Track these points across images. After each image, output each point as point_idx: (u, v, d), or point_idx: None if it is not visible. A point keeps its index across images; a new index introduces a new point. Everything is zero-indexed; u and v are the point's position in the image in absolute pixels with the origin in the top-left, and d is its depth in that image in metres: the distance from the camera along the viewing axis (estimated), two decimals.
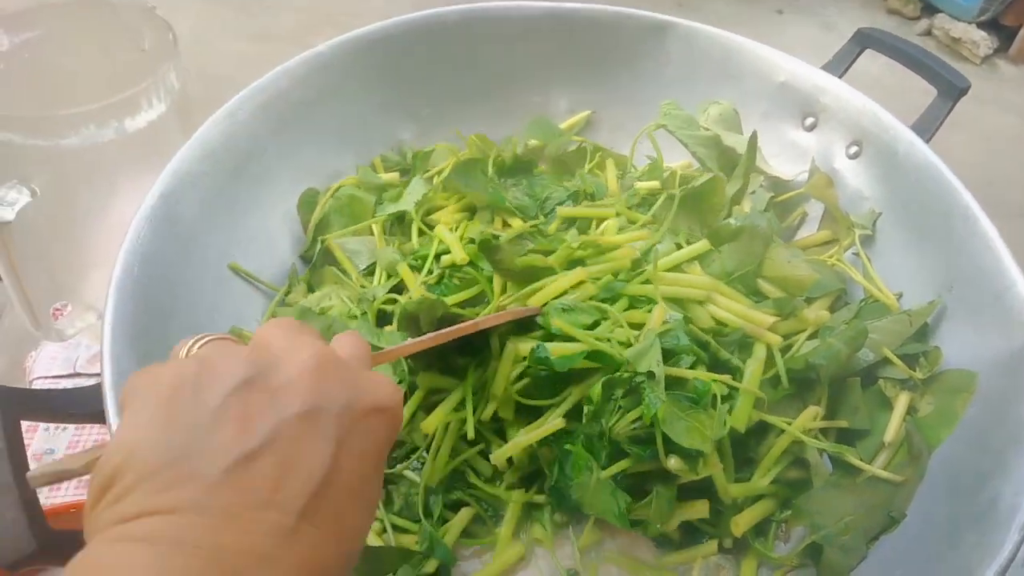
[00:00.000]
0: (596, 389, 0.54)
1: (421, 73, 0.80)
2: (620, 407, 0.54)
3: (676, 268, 0.66)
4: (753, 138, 0.73)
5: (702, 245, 0.66)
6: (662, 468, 0.53)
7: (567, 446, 0.55)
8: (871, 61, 0.81)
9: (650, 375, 0.54)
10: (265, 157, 0.70)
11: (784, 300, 0.64)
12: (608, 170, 0.80)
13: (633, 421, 0.53)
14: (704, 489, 0.57)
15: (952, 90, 0.72)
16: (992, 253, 0.61)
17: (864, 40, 0.78)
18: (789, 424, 0.59)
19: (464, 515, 0.58)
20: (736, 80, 0.80)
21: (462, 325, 0.52)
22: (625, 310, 0.61)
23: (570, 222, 0.73)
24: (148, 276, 0.57)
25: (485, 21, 0.82)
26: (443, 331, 0.50)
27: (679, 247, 0.67)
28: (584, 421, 0.55)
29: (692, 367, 0.57)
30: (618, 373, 0.55)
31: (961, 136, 2.14)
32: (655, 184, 0.76)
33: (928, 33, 2.19)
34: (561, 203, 0.76)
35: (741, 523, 0.57)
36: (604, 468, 0.54)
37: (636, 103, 0.85)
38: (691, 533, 0.59)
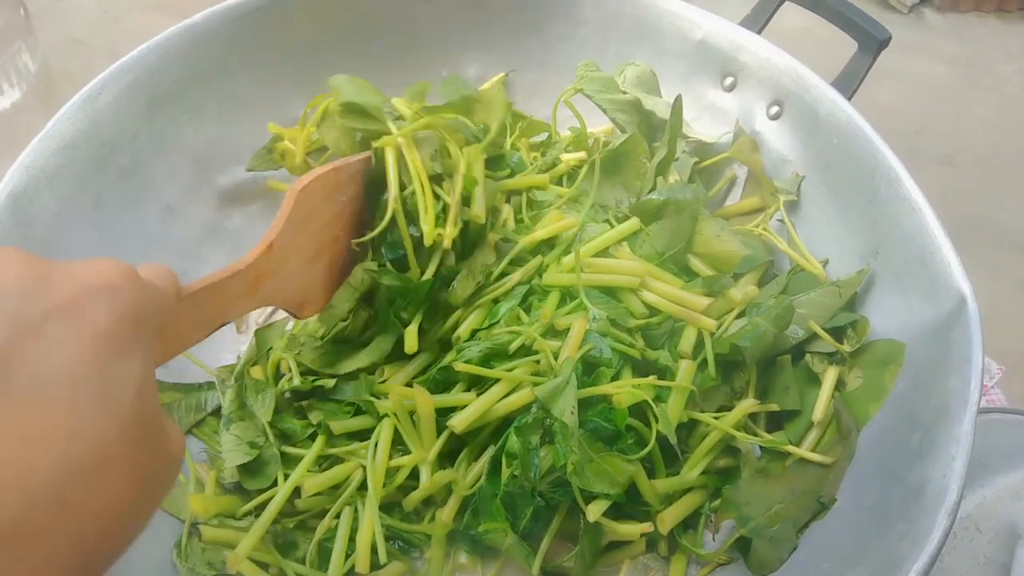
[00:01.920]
0: (512, 443, 0.50)
1: (315, 42, 0.73)
2: (537, 455, 0.51)
3: (604, 252, 0.62)
4: (678, 102, 0.69)
5: (631, 225, 0.62)
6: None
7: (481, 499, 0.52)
8: (801, 13, 0.77)
9: (562, 424, 0.50)
10: (136, 144, 0.63)
11: (714, 278, 0.61)
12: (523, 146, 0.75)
13: (549, 471, 0.50)
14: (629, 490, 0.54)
15: (872, 42, 0.68)
16: (916, 216, 0.58)
17: None
18: (719, 419, 0.56)
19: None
20: (652, 39, 0.75)
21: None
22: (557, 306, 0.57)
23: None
24: None
25: None
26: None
27: (609, 224, 0.63)
28: (504, 481, 0.51)
29: (617, 375, 0.53)
30: (531, 416, 0.51)
31: (889, 85, 2.15)
32: (582, 155, 0.72)
33: None
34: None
35: (667, 519, 0.54)
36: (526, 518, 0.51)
37: (550, 67, 0.80)
38: None
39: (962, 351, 0.51)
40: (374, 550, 0.51)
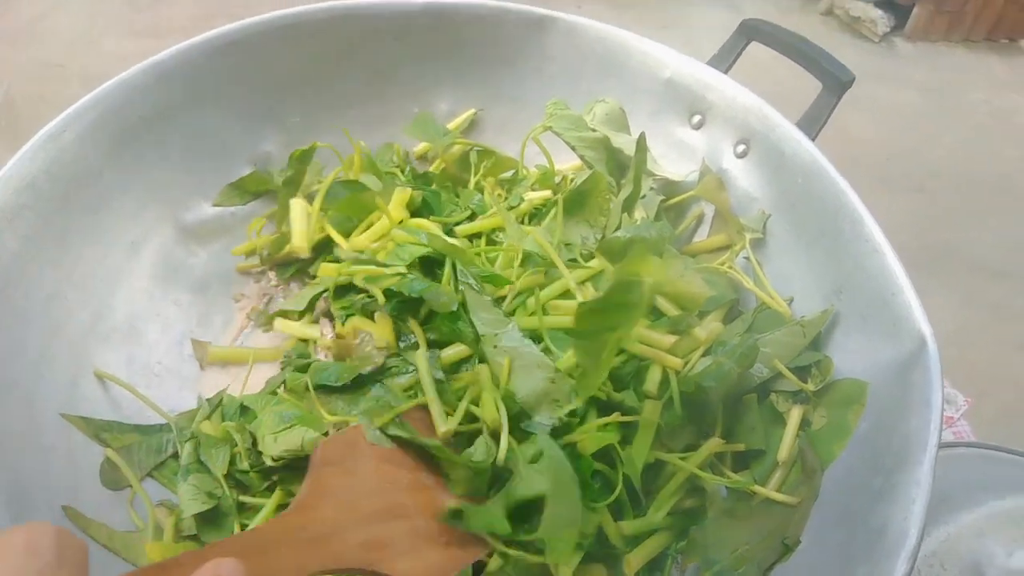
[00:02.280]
0: None
1: (286, 78, 0.73)
2: None
3: (568, 294, 0.62)
4: (642, 140, 0.70)
5: (593, 267, 0.62)
6: None
7: None
8: (767, 51, 0.78)
9: None
10: (101, 182, 0.62)
11: (679, 318, 0.61)
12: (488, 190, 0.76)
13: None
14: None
15: (836, 84, 0.69)
16: (879, 257, 0.58)
17: (749, 32, 0.75)
18: (684, 459, 0.56)
19: None
20: (621, 77, 0.76)
21: None
22: None
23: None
24: None
25: (356, 19, 0.75)
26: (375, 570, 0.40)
27: (576, 263, 0.64)
28: None
29: (583, 418, 0.53)
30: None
31: (860, 113, 2.19)
32: (547, 194, 0.72)
33: (830, 12, 2.23)
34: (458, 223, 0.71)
35: (634, 562, 0.53)
36: None
37: (520, 103, 0.80)
38: None
39: (922, 392, 0.51)
40: None
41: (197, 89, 0.68)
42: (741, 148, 0.71)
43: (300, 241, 0.67)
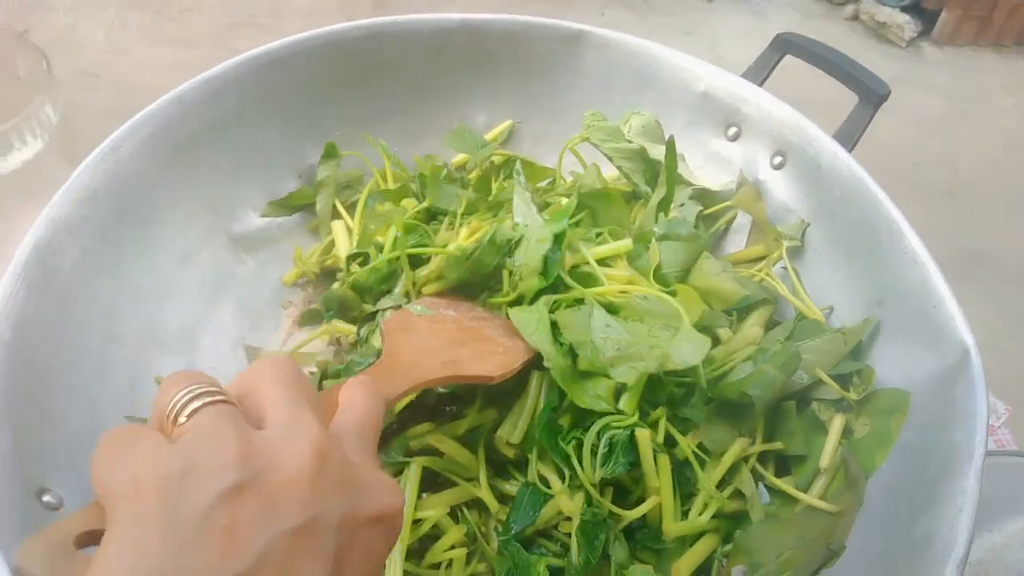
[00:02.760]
0: None
1: (327, 93, 0.75)
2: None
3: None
4: (671, 143, 0.70)
5: (627, 243, 0.64)
6: None
7: None
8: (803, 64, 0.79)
9: None
10: (154, 194, 0.64)
11: (710, 312, 0.62)
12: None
13: None
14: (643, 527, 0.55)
15: (872, 96, 0.70)
16: (919, 269, 0.59)
17: (783, 46, 0.76)
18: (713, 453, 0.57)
19: None
20: (655, 90, 0.77)
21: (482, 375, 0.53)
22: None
23: None
24: (23, 339, 0.52)
25: (394, 36, 0.77)
26: (458, 375, 0.52)
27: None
28: None
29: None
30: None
31: (888, 119, 2.17)
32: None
33: (855, 18, 2.22)
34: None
35: (682, 568, 0.54)
36: None
37: (555, 116, 0.82)
38: None
39: (966, 405, 0.52)
40: None
41: (245, 104, 0.70)
42: (778, 160, 0.72)
43: (342, 254, 0.69)
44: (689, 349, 0.54)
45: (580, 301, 0.58)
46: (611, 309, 0.58)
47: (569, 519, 0.54)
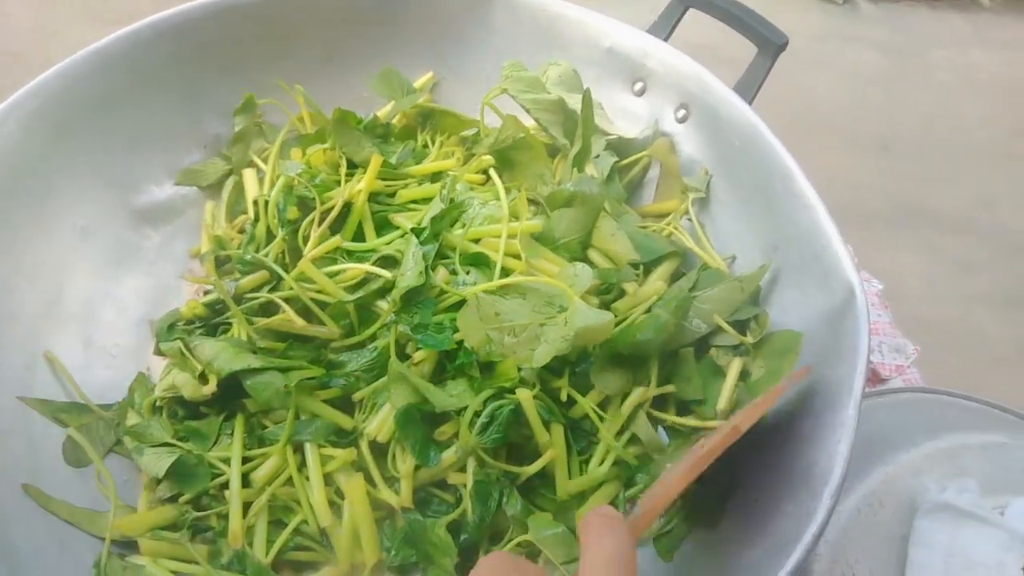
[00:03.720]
0: None
1: (228, 63, 0.74)
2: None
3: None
4: (587, 96, 0.71)
5: (533, 224, 0.64)
6: None
7: None
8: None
9: None
10: (45, 168, 0.63)
11: (608, 271, 0.63)
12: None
13: None
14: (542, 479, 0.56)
15: (770, 47, 0.71)
16: (810, 213, 0.60)
17: None
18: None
19: None
20: (564, 47, 0.77)
21: (726, 435, 0.47)
22: None
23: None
24: None
25: (297, 3, 0.76)
26: (706, 452, 0.45)
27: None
28: None
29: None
30: None
31: (825, 74, 2.21)
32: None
33: None
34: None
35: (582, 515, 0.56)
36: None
37: (469, 75, 0.81)
38: None
39: (851, 339, 0.54)
40: None
41: (140, 75, 0.69)
42: (681, 113, 0.73)
43: (250, 199, 0.68)
44: (592, 320, 0.54)
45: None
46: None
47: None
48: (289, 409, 0.56)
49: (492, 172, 0.69)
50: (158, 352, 0.63)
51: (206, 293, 0.67)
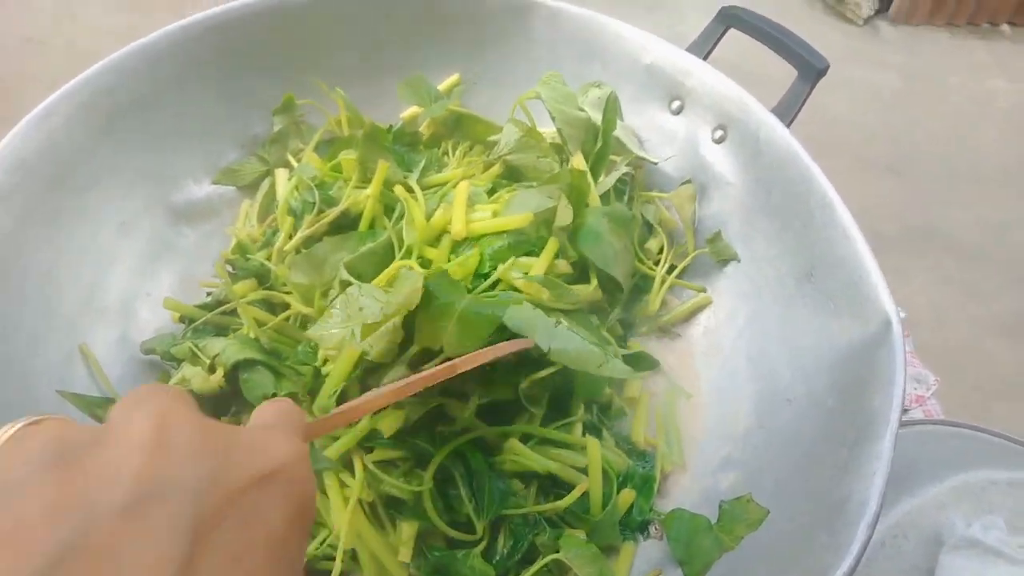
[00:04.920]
0: None
1: (270, 62, 0.74)
2: None
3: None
4: (612, 98, 0.71)
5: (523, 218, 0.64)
6: None
7: None
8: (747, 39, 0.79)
9: None
10: (91, 163, 0.63)
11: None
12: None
13: None
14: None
15: (811, 71, 0.71)
16: (848, 242, 0.60)
17: (727, 19, 0.77)
18: None
19: None
20: (603, 62, 0.77)
21: (438, 369, 0.42)
22: None
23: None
24: None
25: (341, 2, 0.76)
26: (412, 379, 0.41)
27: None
28: None
29: None
30: None
31: (841, 95, 2.21)
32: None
33: None
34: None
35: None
36: None
37: (505, 85, 0.81)
38: None
39: (887, 372, 0.54)
40: None
41: (185, 72, 0.69)
42: (719, 134, 0.73)
43: (283, 212, 0.68)
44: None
45: None
46: None
47: None
48: None
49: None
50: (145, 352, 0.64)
51: (208, 295, 0.68)
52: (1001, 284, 1.81)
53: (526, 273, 0.61)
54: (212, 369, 0.57)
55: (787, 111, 0.72)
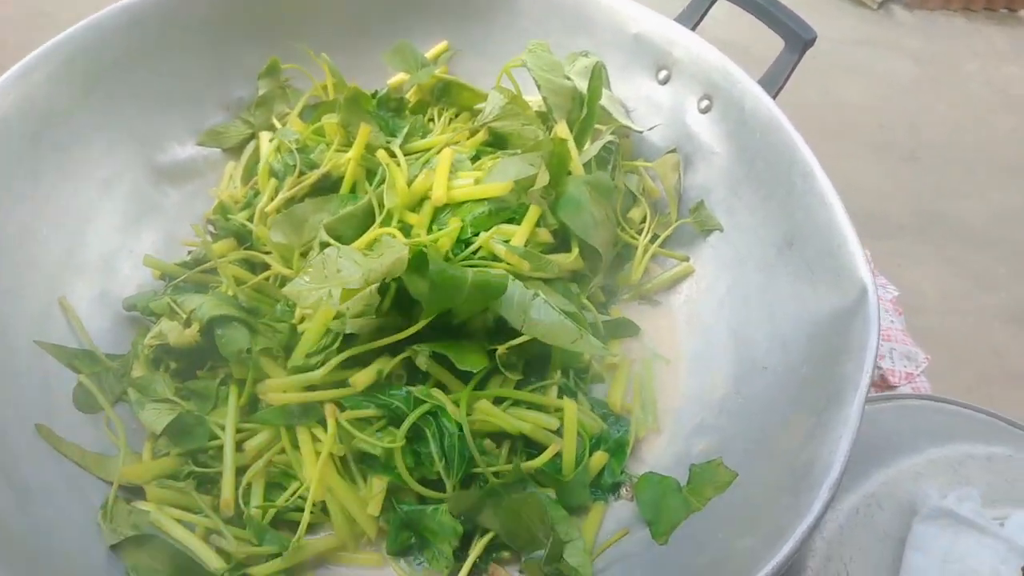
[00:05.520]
0: None
1: (256, 25, 0.74)
2: None
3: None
4: (598, 68, 0.70)
5: (502, 186, 0.64)
6: None
7: None
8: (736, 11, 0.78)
9: None
10: (73, 121, 0.64)
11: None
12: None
13: None
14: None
15: (798, 41, 0.70)
16: (827, 210, 0.60)
17: None
18: None
19: None
20: (590, 32, 0.77)
21: None
22: None
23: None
24: None
25: None
26: None
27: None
28: None
29: None
30: None
31: (855, 80, 2.18)
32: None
33: None
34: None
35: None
36: None
37: (491, 55, 0.81)
38: None
39: (861, 338, 0.54)
40: None
41: (169, 33, 0.69)
42: (705, 104, 0.72)
43: (264, 174, 0.69)
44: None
45: None
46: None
47: None
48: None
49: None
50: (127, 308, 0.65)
51: (189, 253, 0.69)
52: (1010, 273, 1.79)
53: (507, 241, 0.62)
54: (188, 324, 0.58)
55: (773, 82, 0.71)
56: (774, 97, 0.68)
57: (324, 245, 0.60)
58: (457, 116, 0.78)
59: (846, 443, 0.49)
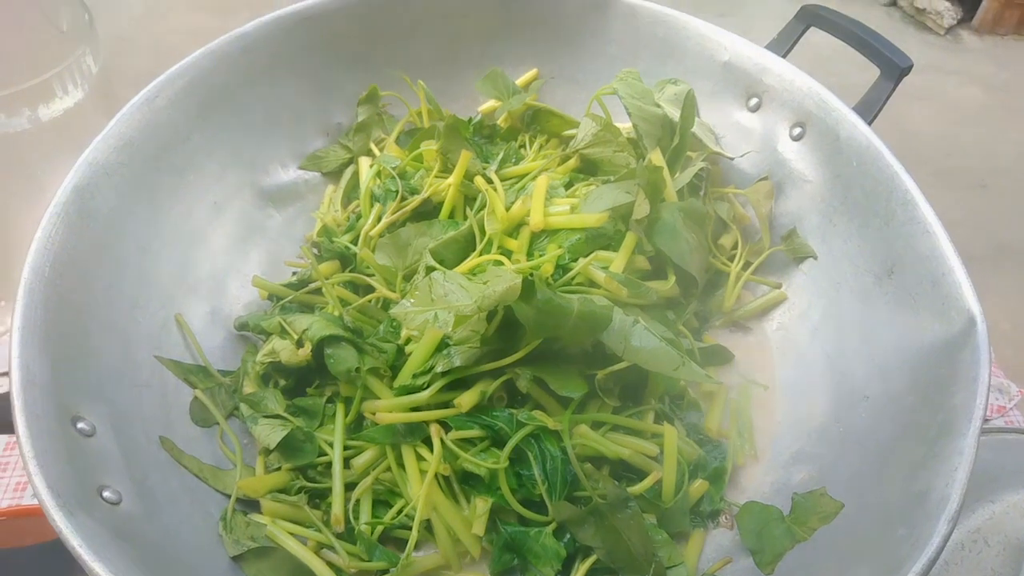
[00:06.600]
0: None
1: (355, 53, 0.77)
2: None
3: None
4: (690, 96, 0.71)
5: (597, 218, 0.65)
6: None
7: None
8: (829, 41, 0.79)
9: None
10: (188, 145, 0.67)
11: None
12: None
13: None
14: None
15: (894, 70, 0.70)
16: (930, 238, 0.60)
17: (808, 17, 0.76)
18: None
19: None
20: (679, 59, 0.78)
21: None
22: None
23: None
24: (61, 276, 0.54)
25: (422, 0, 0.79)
26: None
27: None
28: None
29: None
30: None
31: (922, 107, 2.15)
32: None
33: (893, 3, 2.19)
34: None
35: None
36: None
37: (580, 82, 0.83)
38: None
39: (970, 369, 0.53)
40: None
41: (276, 61, 0.73)
42: (797, 131, 0.73)
43: (366, 199, 0.71)
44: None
45: None
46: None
47: None
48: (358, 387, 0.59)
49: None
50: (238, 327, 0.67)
51: (293, 274, 0.71)
52: None
53: (605, 268, 0.62)
54: (300, 344, 0.60)
55: (868, 109, 0.71)
56: (869, 124, 0.68)
57: (429, 269, 0.61)
58: (547, 143, 0.79)
59: (963, 474, 0.48)
